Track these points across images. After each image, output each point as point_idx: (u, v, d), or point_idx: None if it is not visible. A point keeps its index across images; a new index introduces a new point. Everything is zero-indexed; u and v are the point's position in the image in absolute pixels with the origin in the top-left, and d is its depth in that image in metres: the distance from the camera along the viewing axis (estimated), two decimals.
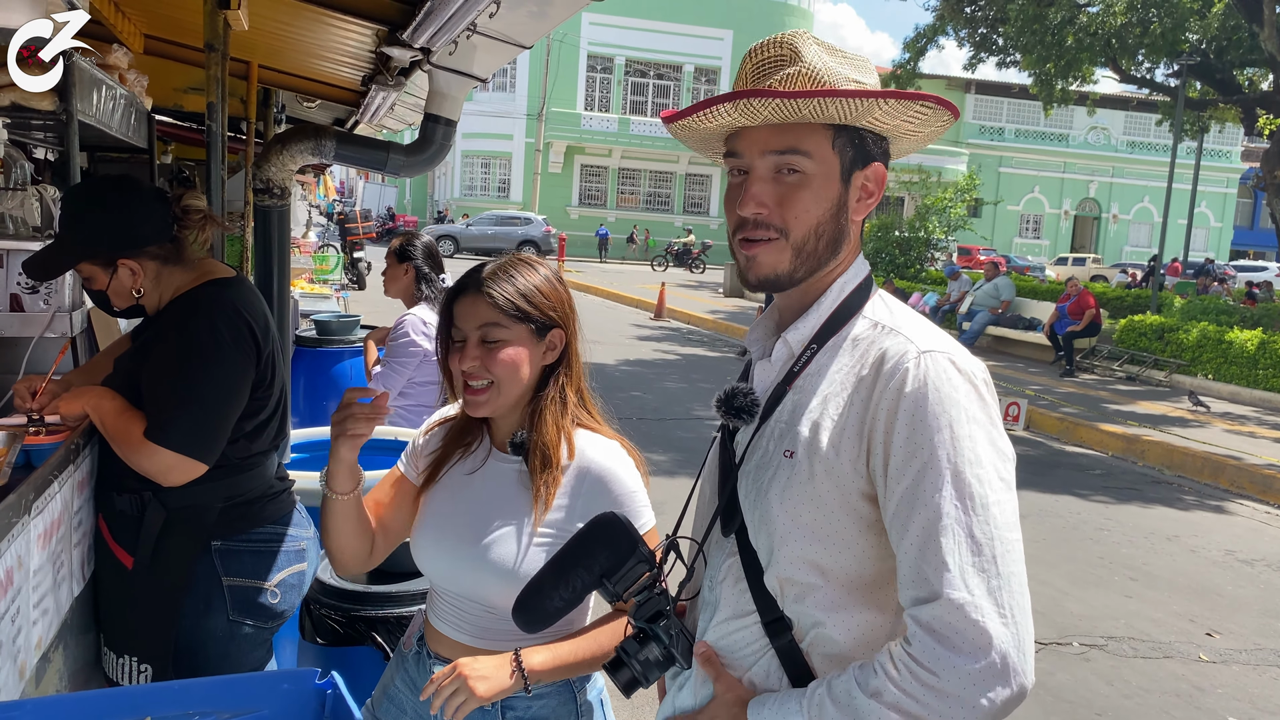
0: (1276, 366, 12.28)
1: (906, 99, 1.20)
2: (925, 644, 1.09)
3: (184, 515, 2.15)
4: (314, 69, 4.81)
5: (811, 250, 1.25)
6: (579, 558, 1.29)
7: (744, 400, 1.27)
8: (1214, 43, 20.64)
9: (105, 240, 2.14)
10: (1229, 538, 6.91)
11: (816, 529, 1.19)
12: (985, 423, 1.16)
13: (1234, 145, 45.37)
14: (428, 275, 3.95)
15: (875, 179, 1.28)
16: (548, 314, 1.70)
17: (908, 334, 1.21)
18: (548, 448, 1.67)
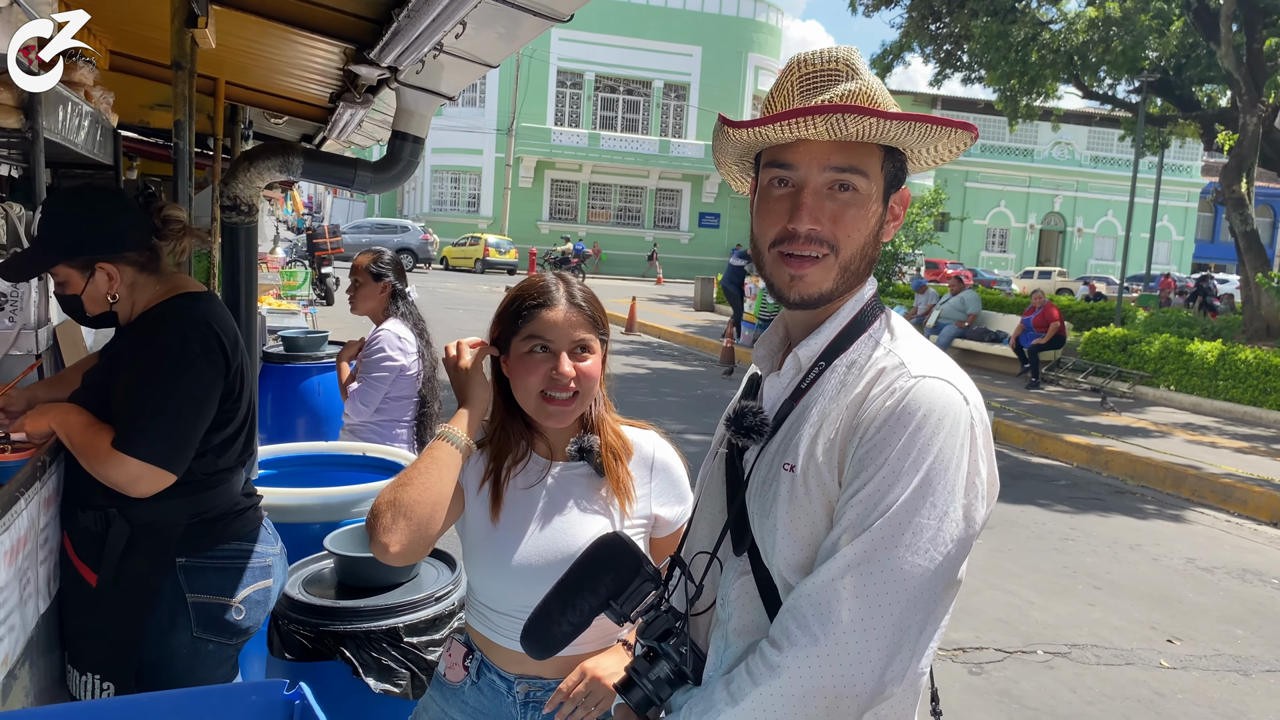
0: (1236, 378, 12.51)
1: (964, 129, 1.23)
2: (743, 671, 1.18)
3: (148, 532, 2.14)
4: (281, 86, 4.83)
5: (855, 270, 1.28)
6: (583, 581, 1.29)
7: (754, 420, 1.28)
8: (1173, 60, 21.05)
9: (86, 243, 2.14)
10: (1190, 546, 7.03)
11: (809, 540, 1.21)
12: (967, 452, 1.17)
13: (1194, 160, 46.19)
14: (400, 291, 3.97)
15: (902, 202, 1.31)
16: (607, 328, 1.81)
17: (906, 357, 1.23)
18: (615, 446, 1.77)
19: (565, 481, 1.77)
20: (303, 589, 2.62)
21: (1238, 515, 8.11)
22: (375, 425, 3.96)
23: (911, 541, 1.13)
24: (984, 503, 1.20)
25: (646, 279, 36.69)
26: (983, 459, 1.20)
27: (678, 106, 41.08)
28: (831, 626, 1.12)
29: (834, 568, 1.14)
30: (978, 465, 1.19)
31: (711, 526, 1.39)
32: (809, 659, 1.12)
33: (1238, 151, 18.02)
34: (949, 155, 1.30)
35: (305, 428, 5.27)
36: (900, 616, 1.13)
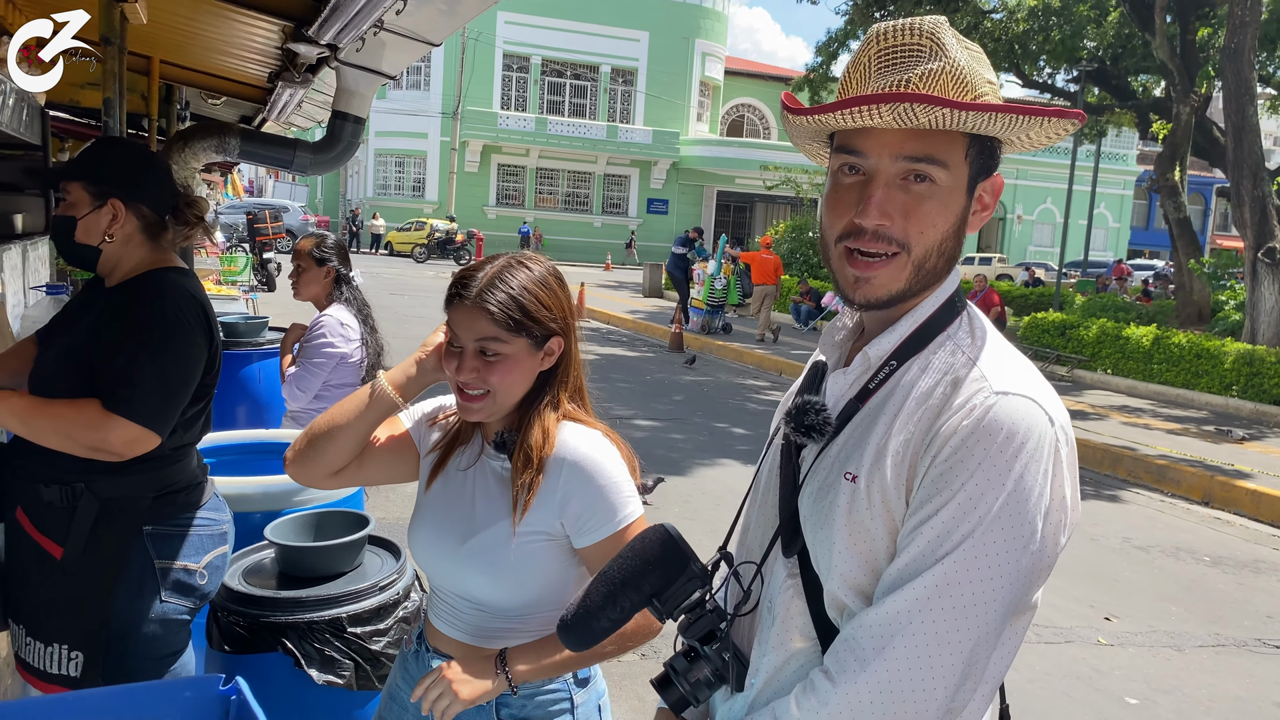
0: (1170, 361, 12.82)
1: (1063, 117, 1.13)
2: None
3: (117, 506, 2.18)
4: (218, 65, 4.70)
5: (931, 269, 1.18)
6: (628, 577, 1.20)
7: (816, 418, 1.18)
8: (1110, 50, 21.45)
9: (112, 175, 2.22)
10: (1126, 526, 7.20)
11: (867, 558, 1.13)
12: (1050, 479, 1.08)
13: (1129, 149, 47.16)
14: (345, 276, 3.89)
15: (993, 191, 1.20)
16: (547, 324, 1.65)
17: (988, 368, 1.13)
18: (531, 449, 1.64)
19: (486, 472, 1.73)
20: (243, 580, 2.57)
21: (1171, 495, 8.32)
22: (318, 413, 3.89)
23: (987, 576, 1.06)
24: (1065, 531, 1.12)
25: (628, 266, 36.71)
26: (1067, 483, 1.11)
27: (625, 92, 40.95)
28: (890, 657, 1.06)
29: (900, 601, 1.07)
30: (1062, 491, 1.10)
31: (764, 524, 1.30)
32: (860, 692, 1.07)
33: (1172, 140, 18.43)
34: (1049, 139, 1.18)
35: (245, 415, 5.16)
36: (970, 652, 1.06)
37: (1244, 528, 7.46)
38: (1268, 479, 8.18)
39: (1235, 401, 11.84)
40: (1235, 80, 13.44)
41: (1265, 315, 13.28)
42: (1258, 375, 11.72)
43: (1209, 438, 10.05)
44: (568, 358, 1.71)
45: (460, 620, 1.73)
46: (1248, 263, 13.60)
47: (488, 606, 1.69)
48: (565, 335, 1.69)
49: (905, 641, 1.06)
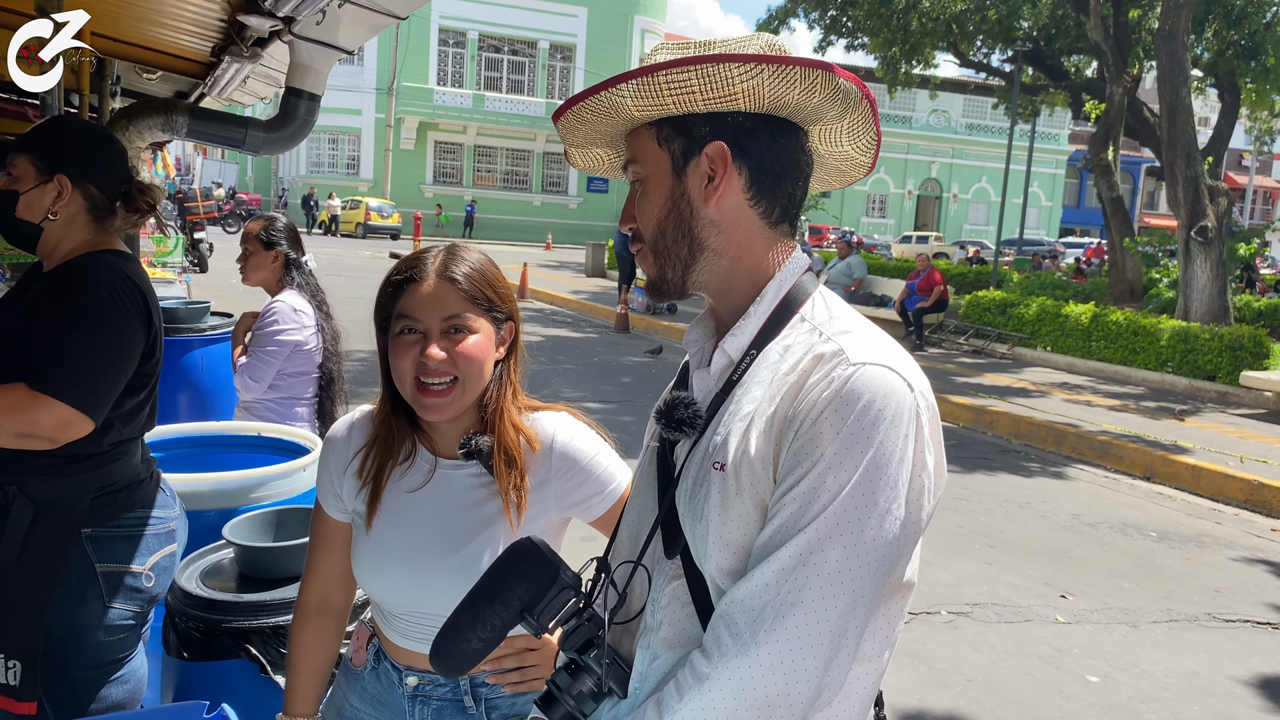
0: (1108, 338, 13.08)
1: (671, 67, 1.13)
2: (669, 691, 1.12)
3: (53, 509, 2.07)
4: (154, 38, 4.47)
5: (667, 249, 1.22)
6: (495, 594, 1.19)
7: (685, 412, 1.18)
8: (1045, 31, 21.77)
9: (62, 152, 2.13)
10: (1074, 503, 7.31)
11: (742, 543, 1.12)
12: (911, 444, 1.10)
13: (1062, 129, 48.11)
14: (295, 260, 3.72)
15: (715, 157, 1.19)
16: (506, 304, 1.61)
17: (845, 341, 1.14)
18: (511, 449, 1.58)
19: (453, 483, 1.61)
20: (200, 583, 2.43)
21: (1114, 471, 8.48)
22: (272, 403, 3.73)
23: (851, 542, 1.06)
24: (930, 497, 1.12)
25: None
26: (929, 449, 1.12)
27: (564, 68, 40.58)
28: (765, 634, 1.05)
29: (767, 571, 1.07)
30: (924, 457, 1.11)
31: (639, 526, 1.29)
32: (740, 669, 1.05)
33: (1105, 121, 18.79)
34: (792, 94, 1.15)
35: (188, 405, 4.96)
36: (838, 621, 1.06)
37: (1186, 502, 7.62)
38: (1206, 454, 8.38)
39: (1171, 377, 12.12)
40: (1170, 61, 13.69)
41: (1198, 293, 13.62)
42: (1192, 352, 12.01)
43: (1148, 413, 10.27)
44: (518, 346, 1.66)
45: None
46: (1181, 241, 13.92)
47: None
48: (517, 321, 1.65)
49: (774, 612, 1.05)
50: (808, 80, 1.13)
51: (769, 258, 1.22)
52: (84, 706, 2.13)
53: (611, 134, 1.26)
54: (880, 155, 1.31)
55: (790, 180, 1.22)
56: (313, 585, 1.78)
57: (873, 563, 1.07)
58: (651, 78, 1.14)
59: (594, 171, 1.38)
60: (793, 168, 1.22)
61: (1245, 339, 11.57)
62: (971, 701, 4.01)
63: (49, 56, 2.27)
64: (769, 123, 1.19)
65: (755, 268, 1.22)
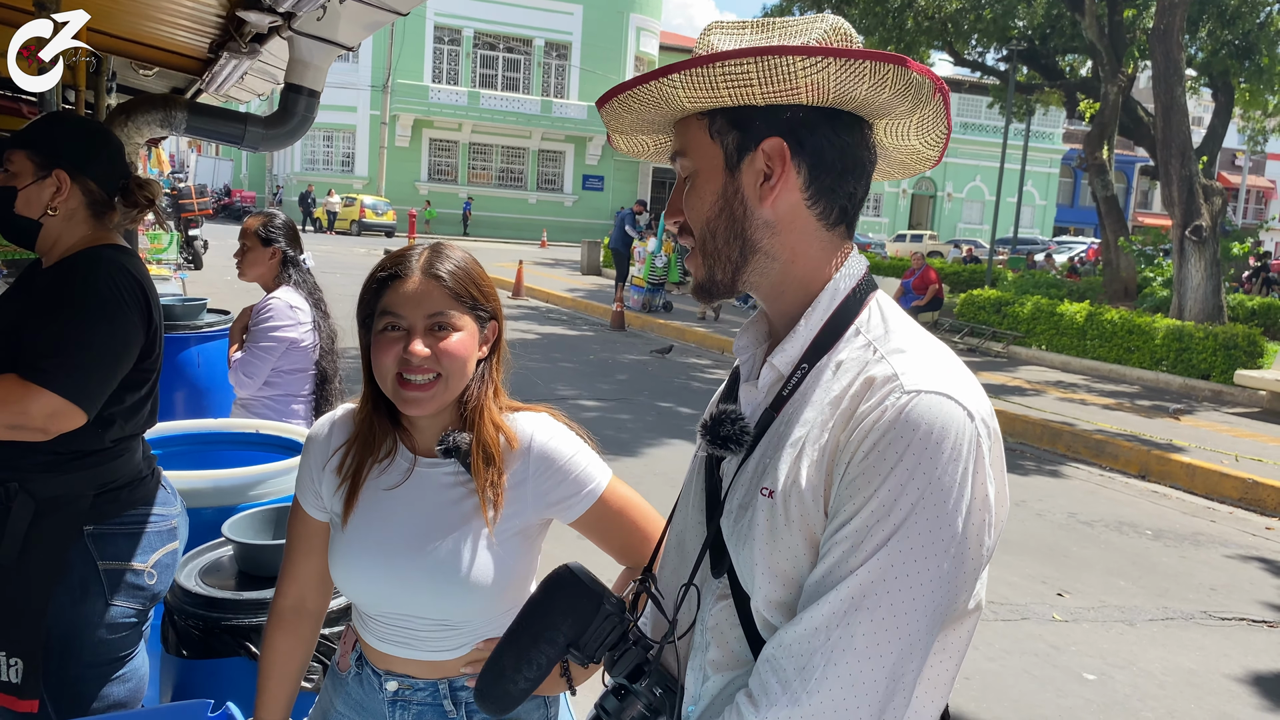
0: (1102, 337, 13.11)
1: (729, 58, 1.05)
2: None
3: (54, 505, 2.06)
4: (152, 34, 4.45)
5: (716, 251, 1.15)
6: (539, 631, 1.13)
7: (732, 428, 1.11)
8: (1040, 30, 21.80)
9: (60, 147, 2.12)
10: (1070, 501, 7.32)
11: (790, 575, 1.07)
12: (971, 476, 1.02)
13: (1056, 128, 48.13)
14: (293, 257, 3.71)
15: (772, 154, 1.11)
16: (490, 303, 1.61)
17: (900, 364, 1.06)
18: (489, 446, 1.56)
19: (431, 481, 1.60)
20: (199, 580, 2.43)
21: (1110, 470, 8.49)
22: (269, 400, 3.72)
23: (905, 585, 1.00)
24: (991, 530, 1.06)
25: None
26: (991, 479, 1.05)
27: (559, 66, 40.52)
28: (816, 683, 1.00)
29: (817, 615, 1.01)
30: (985, 489, 1.04)
31: (689, 541, 1.23)
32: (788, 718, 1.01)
33: (1100, 120, 18.81)
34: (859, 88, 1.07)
35: (185, 403, 4.95)
36: (893, 668, 1.00)
37: (1181, 501, 7.64)
38: (1201, 453, 8.40)
39: (1165, 376, 12.15)
40: (1164, 61, 13.71)
41: (1192, 292, 13.65)
42: (1186, 350, 12.04)
43: (1143, 412, 10.29)
44: (501, 345, 1.65)
45: (419, 640, 1.62)
46: (1175, 241, 13.95)
47: (459, 623, 1.60)
48: (500, 321, 1.65)
49: (824, 659, 1.00)
50: (878, 75, 1.05)
51: (825, 262, 1.15)
52: (86, 705, 2.13)
53: (659, 122, 1.19)
54: None
55: (852, 179, 1.14)
56: (289, 587, 1.76)
57: (929, 606, 1.01)
58: (707, 68, 1.06)
59: (639, 157, 1.31)
60: (855, 166, 1.14)
61: (1239, 338, 11.60)
62: (969, 699, 4.01)
63: (49, 56, 2.25)
64: (832, 117, 1.11)
65: (809, 272, 1.15)
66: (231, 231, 18.85)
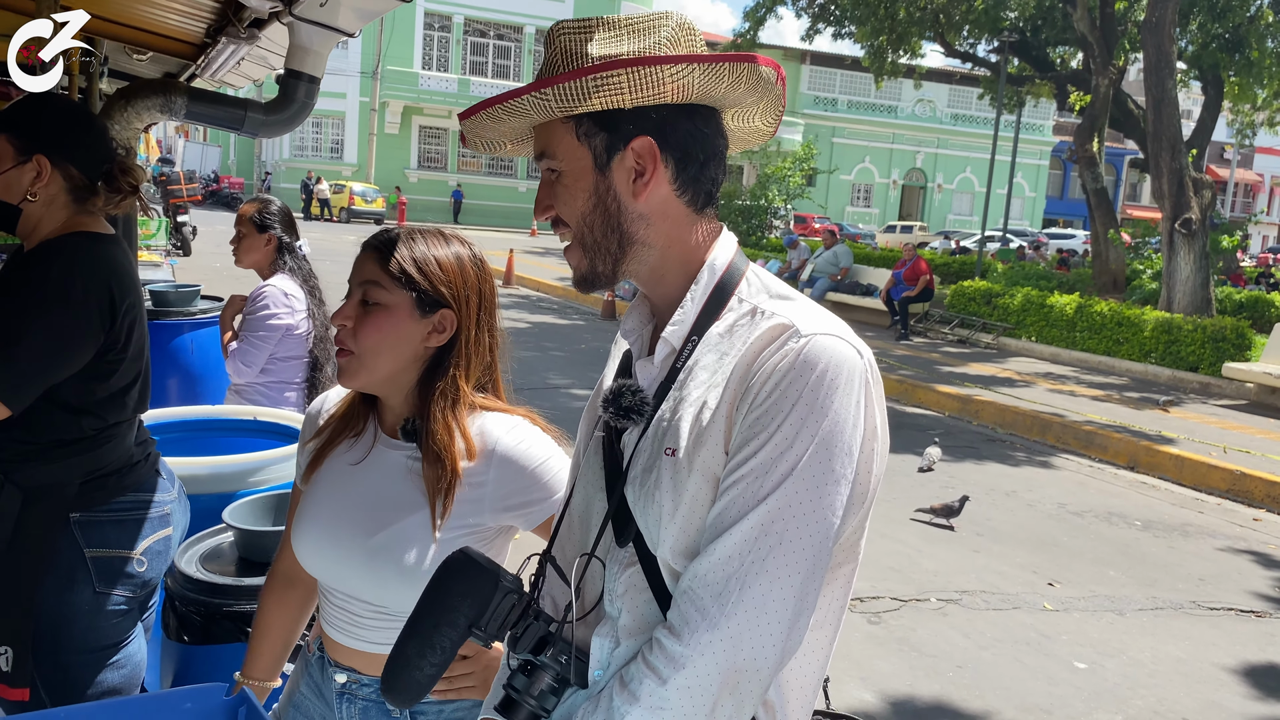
0: (1092, 329, 13.17)
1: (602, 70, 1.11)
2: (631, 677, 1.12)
3: (40, 494, 2.05)
4: (146, 18, 4.42)
5: (594, 243, 1.21)
6: (439, 616, 1.15)
7: (633, 399, 1.18)
8: (1031, 21, 21.80)
9: (41, 130, 2.08)
10: (1060, 491, 7.37)
11: (695, 524, 1.13)
12: (863, 409, 1.12)
13: (1046, 120, 48.23)
14: (289, 244, 3.70)
15: (642, 153, 1.18)
16: (439, 289, 1.54)
17: (791, 315, 1.15)
18: (439, 448, 1.52)
19: (386, 462, 1.59)
20: (200, 566, 2.43)
21: (1099, 460, 8.55)
22: (263, 387, 3.71)
23: (811, 510, 1.07)
24: (880, 460, 1.16)
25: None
26: (878, 414, 1.15)
27: None
28: (732, 605, 1.06)
29: (729, 543, 1.08)
30: (874, 422, 1.14)
31: (588, 518, 1.27)
32: (712, 643, 1.06)
33: (1090, 112, 18.84)
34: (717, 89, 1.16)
35: (178, 390, 4.93)
36: (801, 587, 1.08)
37: (1169, 492, 7.70)
38: (1190, 444, 8.46)
39: (1154, 368, 12.22)
40: (1156, 53, 13.75)
41: (1181, 285, 13.71)
42: (1175, 343, 12.10)
43: (1132, 404, 10.35)
44: (468, 341, 1.58)
45: (361, 629, 1.60)
46: (1164, 233, 14.00)
47: (395, 612, 1.55)
48: (460, 312, 1.56)
49: (739, 584, 1.07)
50: (734, 74, 1.14)
51: (699, 243, 1.23)
52: (79, 692, 2.12)
53: (523, 129, 1.24)
54: (865, 145, 1.33)
55: (713, 166, 1.22)
56: (283, 555, 1.79)
57: (829, 529, 1.09)
58: (580, 80, 1.12)
59: (494, 154, 1.35)
60: (715, 154, 1.22)
61: (1228, 330, 11.67)
62: (961, 687, 4.04)
63: (49, 56, 2.21)
64: (691, 112, 1.19)
65: (686, 254, 1.22)
66: (219, 218, 18.85)
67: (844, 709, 1.45)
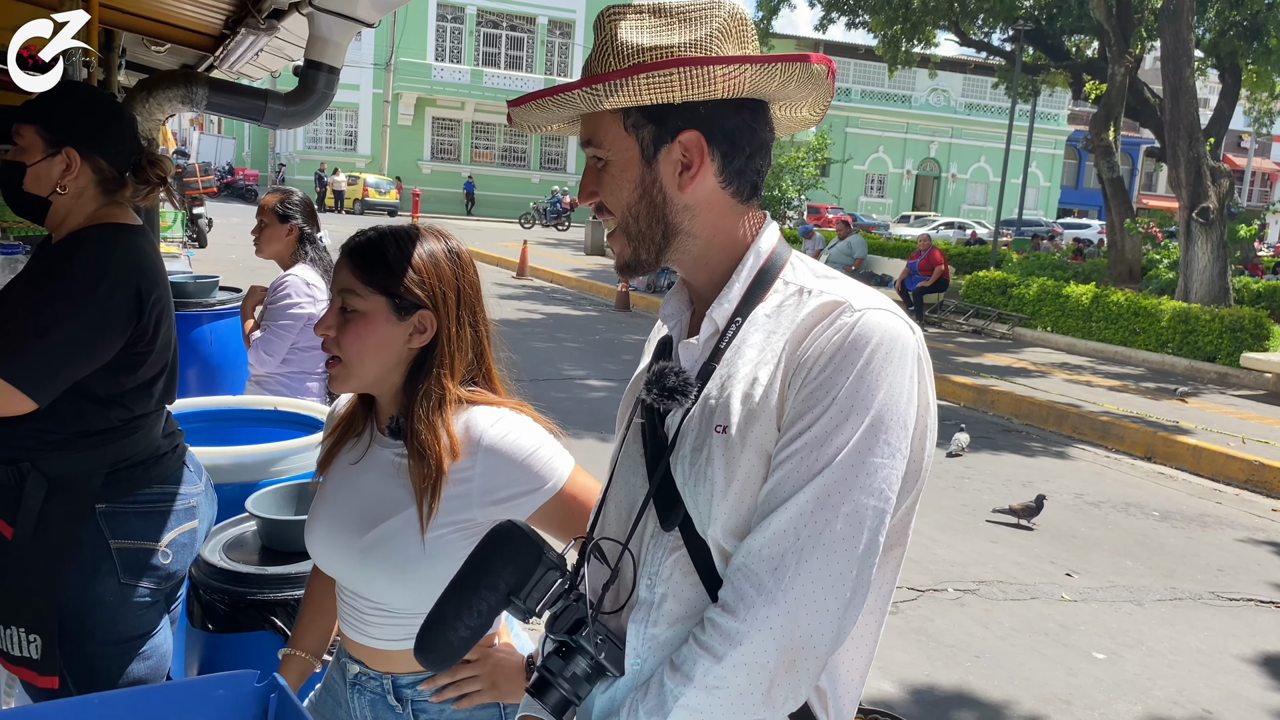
0: (1108, 319, 13.10)
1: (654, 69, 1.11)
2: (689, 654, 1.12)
3: (66, 483, 2.05)
4: (165, 10, 4.44)
5: (640, 232, 1.21)
6: (480, 579, 1.16)
7: (676, 380, 1.17)
8: (1046, 9, 21.64)
9: (70, 123, 2.09)
10: (1076, 482, 7.34)
11: (747, 502, 1.13)
12: (916, 384, 1.13)
13: (1061, 109, 47.91)
14: (309, 234, 3.72)
15: (689, 146, 1.18)
16: (414, 290, 1.51)
17: (841, 292, 1.15)
18: (423, 446, 1.50)
19: (379, 461, 1.59)
20: (224, 555, 2.45)
21: (1115, 451, 8.51)
22: (283, 377, 3.73)
23: (866, 483, 1.07)
24: (931, 436, 1.16)
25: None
26: (930, 389, 1.16)
27: (563, 44, 40.32)
28: (790, 580, 1.06)
29: (784, 517, 1.07)
30: (927, 397, 1.15)
31: (628, 504, 1.27)
32: (770, 618, 1.05)
33: (1106, 101, 18.73)
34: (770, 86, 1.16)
35: (198, 380, 4.96)
36: (859, 561, 1.07)
37: (1187, 482, 7.66)
38: (1207, 434, 8.42)
39: (1171, 358, 12.15)
40: (1173, 41, 13.64)
41: (1198, 274, 13.63)
42: (1192, 333, 12.03)
43: (1148, 394, 10.30)
44: (449, 339, 1.55)
45: (363, 624, 1.61)
46: (1181, 223, 13.91)
47: (392, 609, 1.57)
48: (439, 312, 1.54)
49: (796, 557, 1.06)
50: (787, 73, 1.14)
51: (743, 231, 1.23)
52: (105, 682, 2.12)
53: (571, 115, 1.24)
54: (879, 134, 1.33)
55: (759, 158, 1.23)
56: None
57: (886, 501, 1.09)
58: (632, 78, 1.12)
59: (540, 133, 1.36)
60: (761, 146, 1.22)
61: (1246, 320, 11.59)
62: (980, 677, 4.04)
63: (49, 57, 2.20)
64: (739, 106, 1.19)
65: (730, 244, 1.23)
66: (234, 210, 18.96)
67: (865, 700, 1.45)
